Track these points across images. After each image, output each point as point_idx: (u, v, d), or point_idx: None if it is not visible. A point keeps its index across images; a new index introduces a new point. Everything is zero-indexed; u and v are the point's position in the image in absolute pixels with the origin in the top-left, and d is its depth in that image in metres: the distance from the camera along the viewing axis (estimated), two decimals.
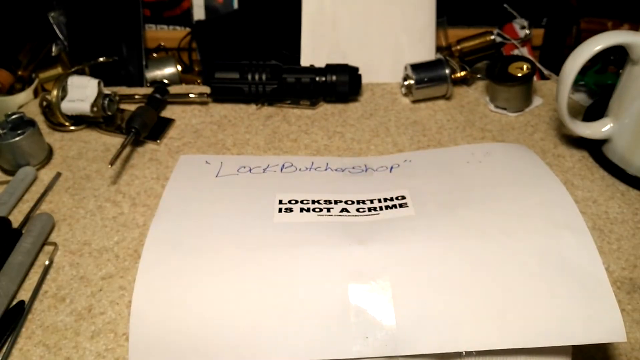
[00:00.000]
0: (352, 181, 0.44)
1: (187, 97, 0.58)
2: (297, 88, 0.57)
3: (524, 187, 0.41)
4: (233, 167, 0.44)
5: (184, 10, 0.69)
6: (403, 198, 0.41)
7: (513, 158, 0.46)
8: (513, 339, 0.30)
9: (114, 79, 0.62)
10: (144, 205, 0.47)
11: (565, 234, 0.36)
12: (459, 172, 0.45)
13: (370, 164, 0.48)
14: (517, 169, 0.44)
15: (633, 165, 0.47)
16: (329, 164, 0.47)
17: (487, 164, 0.45)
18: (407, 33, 0.61)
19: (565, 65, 0.45)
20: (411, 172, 0.47)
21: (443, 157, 0.49)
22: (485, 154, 0.47)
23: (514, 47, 0.65)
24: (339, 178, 0.45)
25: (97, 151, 0.53)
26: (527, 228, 0.37)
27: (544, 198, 0.40)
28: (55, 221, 0.46)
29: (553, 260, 0.34)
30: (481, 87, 0.60)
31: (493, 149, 0.48)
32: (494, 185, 0.42)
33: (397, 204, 0.41)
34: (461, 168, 0.46)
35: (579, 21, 0.61)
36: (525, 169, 0.44)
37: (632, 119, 0.46)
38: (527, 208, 0.38)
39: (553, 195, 0.39)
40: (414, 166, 0.48)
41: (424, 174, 0.46)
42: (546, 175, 0.42)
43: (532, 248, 0.35)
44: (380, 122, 0.56)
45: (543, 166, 0.44)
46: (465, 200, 0.40)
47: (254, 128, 0.55)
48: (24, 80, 0.63)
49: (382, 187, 0.43)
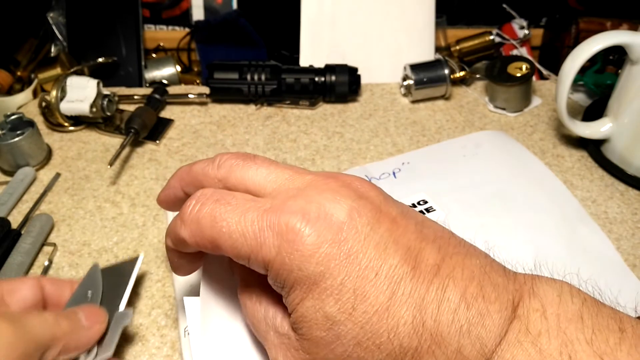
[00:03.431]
0: None
1: (186, 98, 0.58)
2: (297, 88, 0.57)
3: (523, 182, 0.47)
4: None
5: (183, 10, 0.68)
6: (425, 202, 0.44)
7: (502, 149, 0.51)
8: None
9: (113, 79, 0.62)
10: (143, 205, 0.47)
11: (579, 227, 0.42)
12: (461, 168, 0.48)
13: (371, 172, 0.48)
14: (509, 160, 0.49)
15: (632, 165, 0.47)
16: None
17: (483, 156, 0.50)
18: (406, 33, 0.61)
19: (565, 65, 0.45)
20: (415, 173, 0.48)
21: (438, 154, 0.50)
22: (475, 145, 0.50)
23: (513, 47, 0.65)
24: None
25: (97, 152, 0.53)
26: (549, 223, 0.42)
27: (546, 196, 0.45)
28: (55, 221, 0.46)
29: (579, 251, 0.41)
30: (480, 87, 0.60)
31: (480, 139, 0.52)
32: (497, 178, 0.46)
33: (424, 209, 0.42)
34: (461, 163, 0.48)
35: (578, 21, 0.61)
36: (519, 162, 0.49)
37: (631, 119, 0.46)
38: (540, 205, 0.44)
39: (555, 190, 0.46)
40: (414, 167, 0.49)
41: (429, 174, 0.47)
42: (535, 164, 0.49)
43: (560, 241, 0.41)
44: (379, 122, 0.56)
45: (533, 158, 0.50)
46: (483, 200, 0.44)
47: (253, 128, 0.55)
48: (23, 81, 0.63)
49: (397, 194, 0.43)
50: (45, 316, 0.29)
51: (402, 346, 0.24)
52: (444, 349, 0.23)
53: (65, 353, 0.29)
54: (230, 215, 0.26)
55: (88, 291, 0.34)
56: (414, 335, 0.24)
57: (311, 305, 0.25)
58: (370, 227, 0.25)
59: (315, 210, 0.25)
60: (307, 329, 0.25)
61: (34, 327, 0.28)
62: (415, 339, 0.24)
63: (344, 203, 0.25)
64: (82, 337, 0.30)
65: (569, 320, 0.23)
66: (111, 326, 0.32)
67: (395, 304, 0.24)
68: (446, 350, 0.23)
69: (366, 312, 0.24)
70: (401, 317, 0.24)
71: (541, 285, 0.25)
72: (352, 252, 0.24)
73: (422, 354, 0.24)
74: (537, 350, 0.23)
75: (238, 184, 0.28)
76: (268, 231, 0.25)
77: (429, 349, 0.23)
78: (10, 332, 0.26)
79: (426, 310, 0.24)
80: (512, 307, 0.24)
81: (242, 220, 0.26)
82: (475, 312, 0.24)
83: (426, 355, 0.24)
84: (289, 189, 0.27)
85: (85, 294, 0.34)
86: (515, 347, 0.23)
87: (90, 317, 0.31)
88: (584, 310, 0.24)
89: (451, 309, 0.24)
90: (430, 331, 0.23)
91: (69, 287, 0.35)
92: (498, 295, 0.24)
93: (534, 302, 0.24)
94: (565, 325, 0.23)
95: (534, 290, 0.25)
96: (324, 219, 0.25)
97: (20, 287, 0.33)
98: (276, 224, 0.25)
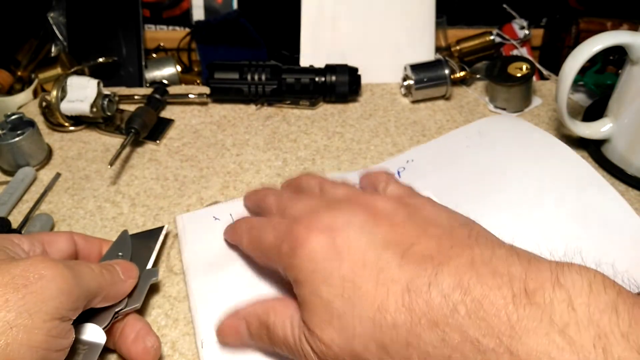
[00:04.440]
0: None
1: (187, 98, 0.58)
2: (297, 88, 0.57)
3: (535, 158, 0.44)
4: (245, 214, 0.43)
5: (184, 10, 0.69)
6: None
7: (507, 130, 0.48)
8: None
9: (114, 79, 0.62)
10: (143, 205, 0.47)
11: (593, 191, 0.40)
12: (467, 159, 0.46)
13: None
14: (517, 139, 0.47)
15: (632, 165, 0.47)
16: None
17: (488, 144, 0.47)
18: (406, 33, 0.61)
19: (565, 66, 0.45)
20: (420, 171, 0.47)
21: (441, 148, 0.49)
22: (477, 133, 0.48)
23: (514, 48, 0.65)
24: None
25: (97, 151, 0.53)
26: (559, 196, 0.40)
27: (557, 163, 0.43)
28: (55, 221, 0.46)
29: (595, 217, 0.38)
30: (480, 88, 0.60)
31: (482, 127, 0.50)
32: (507, 162, 0.44)
33: None
34: (465, 154, 0.47)
35: (578, 21, 0.61)
36: (524, 137, 0.47)
37: (632, 119, 0.46)
38: (549, 177, 0.42)
39: (564, 158, 0.43)
40: (418, 164, 0.48)
41: (434, 170, 0.46)
42: (545, 137, 0.45)
43: (572, 213, 0.39)
44: (379, 122, 0.56)
45: (536, 129, 0.47)
46: (491, 184, 0.42)
47: (254, 128, 0.55)
48: (24, 81, 0.63)
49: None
50: (92, 267, 0.32)
51: (395, 323, 0.26)
52: (443, 328, 0.25)
53: (105, 301, 0.33)
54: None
55: (119, 252, 0.38)
56: (406, 312, 0.26)
57: (307, 290, 0.29)
58: (362, 229, 0.30)
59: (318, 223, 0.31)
60: (308, 311, 0.29)
61: (86, 276, 0.31)
62: (407, 316, 0.26)
63: (345, 215, 0.31)
64: (120, 289, 0.34)
65: (601, 312, 0.23)
66: (140, 281, 0.36)
67: (380, 287, 0.27)
68: (447, 330, 0.25)
69: (355, 292, 0.28)
70: (387, 297, 0.27)
71: (569, 275, 0.24)
72: (342, 250, 0.29)
73: (419, 332, 0.25)
74: (566, 342, 0.22)
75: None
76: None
77: (427, 329, 0.25)
78: (70, 278, 0.29)
79: (416, 293, 0.26)
80: (525, 294, 0.24)
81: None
82: (473, 297, 0.25)
83: (425, 333, 0.25)
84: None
85: (116, 254, 0.38)
86: (539, 336, 0.23)
87: (126, 272, 0.35)
88: (619, 302, 0.23)
89: (443, 293, 0.25)
90: (422, 311, 0.25)
91: (97, 245, 0.38)
92: (502, 283, 0.25)
93: (559, 293, 0.24)
94: (597, 317, 0.23)
95: (559, 280, 0.24)
96: (323, 229, 0.30)
97: (58, 240, 0.36)
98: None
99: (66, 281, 0.28)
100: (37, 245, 0.34)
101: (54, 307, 0.27)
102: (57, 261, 0.29)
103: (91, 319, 0.33)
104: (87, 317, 0.32)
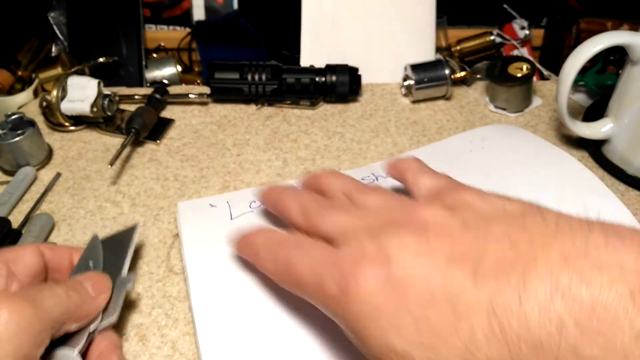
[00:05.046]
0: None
1: (187, 98, 0.58)
2: (297, 88, 0.57)
3: (538, 165, 0.44)
4: (243, 204, 0.43)
5: (184, 10, 0.69)
6: None
7: (511, 138, 0.49)
8: None
9: (114, 79, 0.62)
10: (143, 205, 0.47)
11: (594, 199, 0.40)
12: (470, 162, 0.46)
13: (377, 171, 0.48)
14: (520, 147, 0.47)
15: (633, 165, 0.47)
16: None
17: (491, 148, 0.48)
18: (407, 33, 0.61)
19: (565, 66, 0.45)
20: None
21: (444, 151, 0.49)
22: (482, 139, 0.49)
23: (514, 48, 0.65)
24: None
25: (97, 151, 0.53)
26: (560, 204, 0.39)
27: (560, 171, 0.44)
28: (55, 221, 0.46)
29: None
30: (481, 88, 0.60)
31: (486, 133, 0.50)
32: (509, 168, 0.44)
33: None
34: (468, 158, 0.47)
35: (579, 21, 0.61)
36: (527, 145, 0.47)
37: (632, 119, 0.46)
38: (551, 186, 0.42)
39: (566, 167, 0.44)
40: None
41: (438, 170, 0.46)
42: (548, 147, 0.45)
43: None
44: (380, 122, 0.56)
45: (539, 140, 0.48)
46: (493, 189, 0.41)
47: (254, 128, 0.55)
48: (24, 81, 0.63)
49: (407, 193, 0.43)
50: (57, 291, 0.29)
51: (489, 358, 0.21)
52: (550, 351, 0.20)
53: (77, 323, 0.30)
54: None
55: (89, 261, 0.35)
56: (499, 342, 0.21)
57: (375, 343, 0.24)
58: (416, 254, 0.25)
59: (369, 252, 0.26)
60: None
61: (49, 305, 0.28)
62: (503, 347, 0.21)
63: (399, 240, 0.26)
64: (91, 307, 0.31)
65: None
66: (114, 292, 0.33)
67: (460, 318, 0.22)
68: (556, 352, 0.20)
69: (433, 335, 0.22)
70: (472, 329, 0.21)
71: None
72: (402, 282, 0.24)
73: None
74: None
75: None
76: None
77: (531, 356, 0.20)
78: (29, 312, 0.26)
79: (505, 313, 0.21)
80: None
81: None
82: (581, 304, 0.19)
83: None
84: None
85: (87, 264, 0.35)
86: None
87: (96, 287, 0.32)
88: None
89: (540, 305, 0.20)
90: (518, 335, 0.20)
91: (67, 254, 0.36)
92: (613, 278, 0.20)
93: None
94: None
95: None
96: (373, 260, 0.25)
97: (23, 255, 0.33)
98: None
99: (26, 317, 0.26)
100: (1, 267, 0.31)
101: (15, 348, 0.25)
102: (14, 296, 0.27)
103: (65, 342, 0.30)
104: (60, 340, 0.30)
